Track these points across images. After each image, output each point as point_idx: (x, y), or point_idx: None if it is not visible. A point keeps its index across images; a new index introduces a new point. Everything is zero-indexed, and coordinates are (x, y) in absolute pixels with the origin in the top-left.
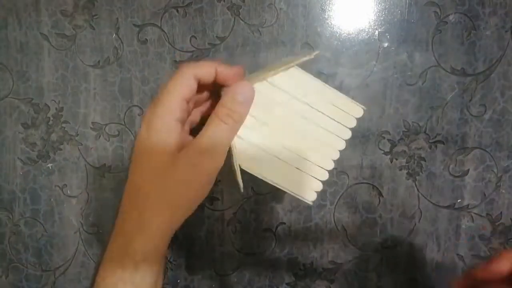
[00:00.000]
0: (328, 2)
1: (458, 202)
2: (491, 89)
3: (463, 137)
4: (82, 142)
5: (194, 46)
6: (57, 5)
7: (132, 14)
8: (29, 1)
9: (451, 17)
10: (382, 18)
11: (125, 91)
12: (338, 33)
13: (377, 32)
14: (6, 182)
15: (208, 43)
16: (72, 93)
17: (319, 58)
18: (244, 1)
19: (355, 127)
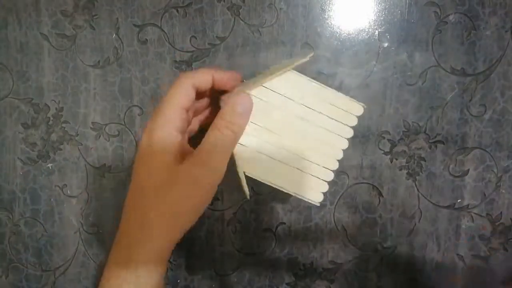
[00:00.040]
0: (328, 2)
1: (458, 202)
2: (491, 89)
3: (463, 137)
4: (82, 142)
5: (194, 46)
6: (57, 5)
7: (132, 14)
8: (29, 1)
9: (451, 17)
10: (382, 18)
11: (125, 91)
12: (338, 33)
13: (377, 32)
14: (6, 182)
15: (208, 43)
16: (72, 93)
17: (319, 58)
18: (244, 1)
19: (355, 127)
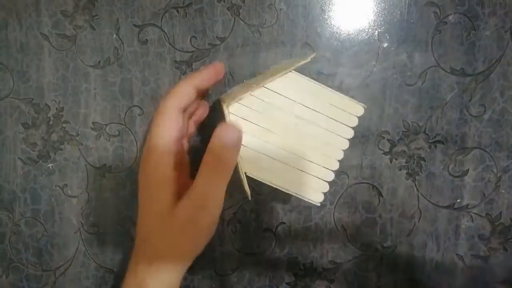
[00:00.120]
0: (328, 2)
1: (458, 202)
2: (491, 89)
3: (463, 137)
4: (83, 142)
5: (194, 46)
6: (57, 5)
7: (132, 14)
8: (29, 1)
9: (451, 17)
10: (382, 18)
11: (125, 91)
12: (338, 33)
13: (377, 32)
14: (6, 182)
15: (208, 44)
16: (72, 93)
17: (319, 58)
18: (244, 1)
19: (355, 127)
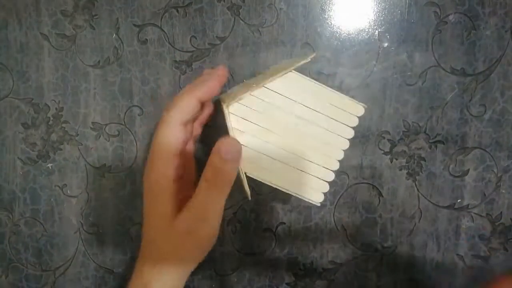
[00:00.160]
0: (328, 2)
1: (458, 202)
2: (491, 89)
3: (463, 137)
4: (82, 142)
5: (194, 46)
6: (57, 5)
7: (132, 14)
8: (29, 1)
9: (451, 17)
10: (382, 18)
11: (125, 91)
12: (338, 33)
13: (377, 32)
14: (6, 182)
15: (208, 43)
16: (72, 93)
17: (319, 58)
18: (244, 1)
19: (356, 127)
